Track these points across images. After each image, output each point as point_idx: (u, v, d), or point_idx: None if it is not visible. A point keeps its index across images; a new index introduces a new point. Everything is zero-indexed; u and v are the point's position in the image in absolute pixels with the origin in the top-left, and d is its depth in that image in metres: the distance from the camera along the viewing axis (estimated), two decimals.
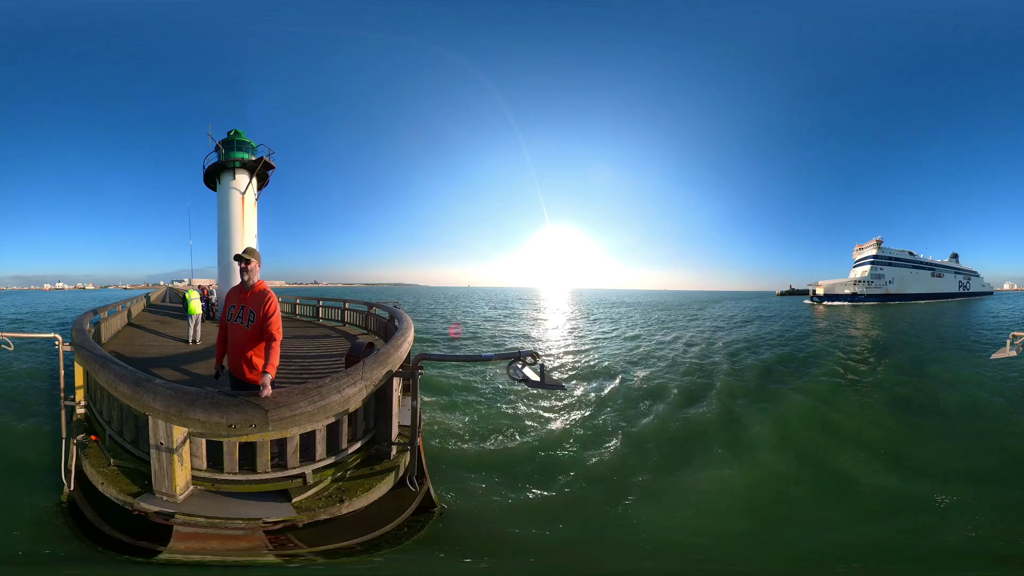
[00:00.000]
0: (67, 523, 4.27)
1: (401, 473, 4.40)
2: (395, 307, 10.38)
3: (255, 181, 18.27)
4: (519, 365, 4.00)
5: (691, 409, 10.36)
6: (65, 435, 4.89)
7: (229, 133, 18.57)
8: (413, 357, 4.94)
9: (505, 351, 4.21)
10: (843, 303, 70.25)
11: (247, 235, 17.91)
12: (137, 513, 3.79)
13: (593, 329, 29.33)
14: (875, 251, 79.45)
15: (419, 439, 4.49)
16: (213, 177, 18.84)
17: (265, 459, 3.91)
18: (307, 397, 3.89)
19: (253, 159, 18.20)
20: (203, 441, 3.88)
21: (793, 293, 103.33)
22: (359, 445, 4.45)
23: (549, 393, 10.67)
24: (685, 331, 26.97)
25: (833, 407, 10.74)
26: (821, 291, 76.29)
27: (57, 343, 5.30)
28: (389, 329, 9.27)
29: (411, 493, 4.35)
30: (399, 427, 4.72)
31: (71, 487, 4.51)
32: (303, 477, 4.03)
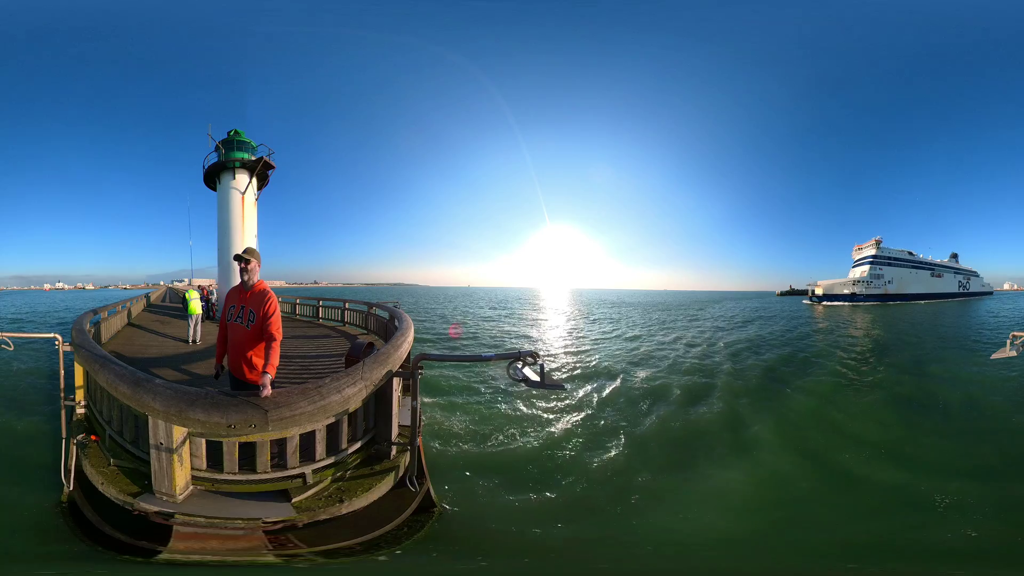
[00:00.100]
0: (67, 523, 4.27)
1: (401, 473, 4.40)
2: (395, 307, 10.38)
3: (255, 181, 18.28)
4: (519, 365, 4.00)
5: (693, 409, 10.35)
6: (65, 435, 4.89)
7: (229, 133, 18.57)
8: (413, 357, 4.94)
9: (505, 351, 4.21)
10: (842, 303, 70.24)
11: (247, 235, 17.91)
12: (137, 513, 3.79)
13: (593, 329, 29.32)
14: (874, 251, 79.45)
15: (419, 439, 4.49)
16: (213, 177, 18.85)
17: (265, 459, 3.91)
18: (307, 397, 3.89)
19: (253, 159, 18.21)
20: (203, 441, 3.88)
21: (793, 293, 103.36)
22: (359, 445, 4.45)
23: (549, 393, 10.67)
24: (686, 331, 26.96)
25: (835, 407, 10.75)
26: (820, 291, 76.26)
27: (57, 343, 5.30)
28: (389, 329, 9.27)
29: (411, 493, 4.34)
30: (399, 427, 4.72)
31: (71, 487, 4.51)
32: (303, 477, 4.03)
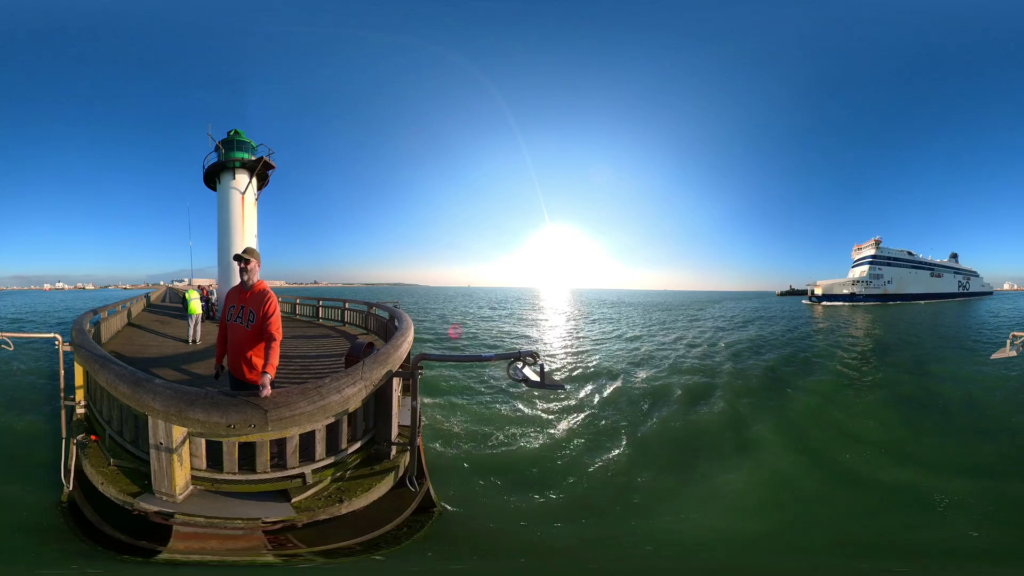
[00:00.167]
0: (67, 523, 4.26)
1: (401, 473, 4.40)
2: (395, 307, 10.38)
3: (255, 181, 18.28)
4: (519, 365, 4.00)
5: (695, 409, 10.34)
6: (65, 435, 4.89)
7: (229, 133, 18.58)
8: (413, 357, 4.94)
9: (505, 351, 4.21)
10: (841, 303, 70.22)
11: (247, 235, 17.92)
12: (137, 513, 3.79)
13: (594, 329, 29.33)
14: (873, 251, 79.42)
15: (419, 439, 4.49)
16: (213, 177, 18.85)
17: (264, 459, 3.91)
18: (307, 397, 3.89)
19: (253, 159, 18.21)
20: (203, 441, 3.88)
21: (793, 293, 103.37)
22: (359, 445, 4.45)
23: (550, 393, 10.67)
24: (686, 332, 26.96)
25: (836, 406, 10.78)
26: (819, 291, 76.23)
27: (57, 343, 5.30)
28: (389, 329, 9.27)
29: (411, 493, 4.34)
30: (399, 427, 4.72)
31: (71, 487, 4.51)
32: (302, 477, 4.03)
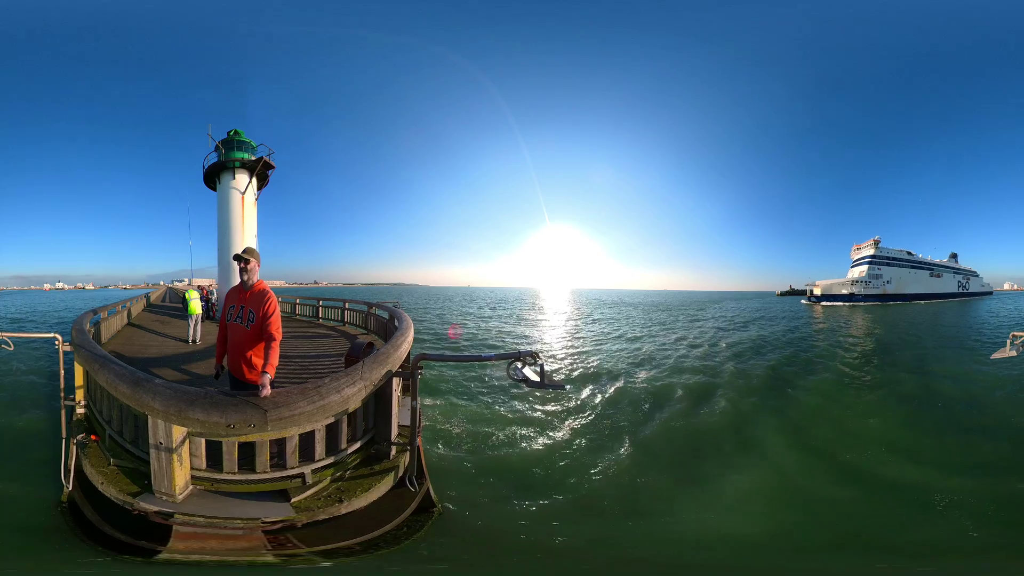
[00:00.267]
0: (67, 523, 4.27)
1: (401, 473, 4.40)
2: (395, 307, 10.38)
3: (255, 181, 18.27)
4: (519, 365, 4.00)
5: (697, 410, 10.32)
6: (65, 435, 4.89)
7: (229, 133, 18.56)
8: (413, 357, 4.95)
9: (505, 351, 4.22)
10: (841, 303, 70.16)
11: (247, 235, 17.91)
12: (137, 513, 3.79)
13: (594, 329, 29.32)
14: (873, 251, 79.26)
15: (419, 439, 4.49)
16: (213, 177, 18.84)
17: (264, 459, 3.91)
18: (306, 397, 3.89)
19: (253, 159, 18.20)
20: (202, 441, 3.88)
21: (793, 293, 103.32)
22: (358, 445, 4.45)
23: (550, 394, 10.66)
24: (687, 332, 26.94)
25: (838, 405, 10.81)
26: (818, 291, 76.15)
27: (57, 343, 5.30)
28: (389, 329, 9.27)
29: (410, 493, 4.35)
30: (399, 427, 4.72)
31: (71, 487, 4.51)
32: (302, 477, 4.03)
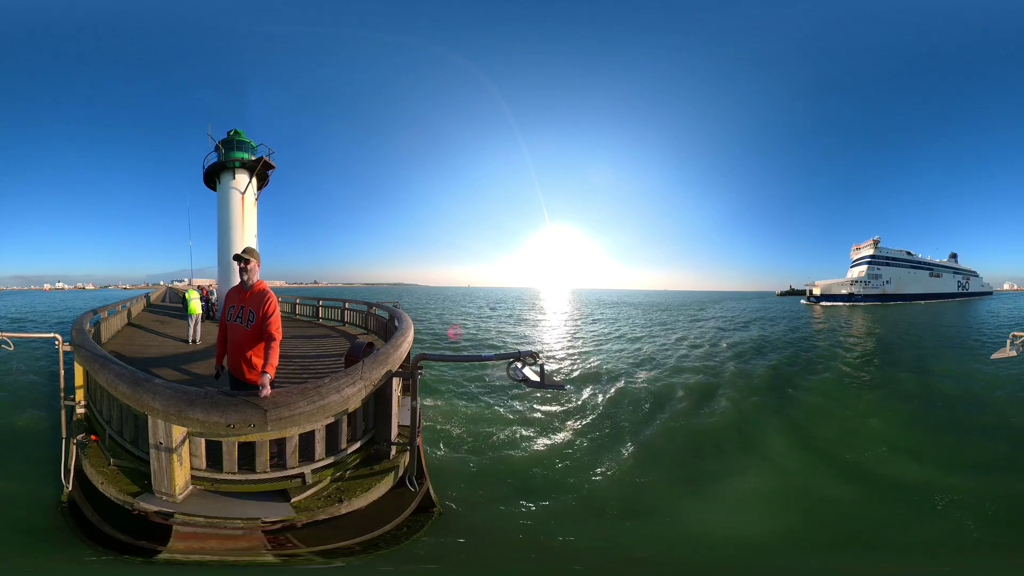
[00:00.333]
0: (67, 523, 4.27)
1: (400, 473, 4.41)
2: (395, 307, 10.38)
3: (255, 181, 18.28)
4: (519, 365, 4.00)
5: (699, 410, 10.29)
6: (65, 435, 4.89)
7: (229, 133, 18.57)
8: (413, 357, 4.95)
9: (505, 351, 4.22)
10: (840, 303, 70.10)
11: (247, 235, 17.92)
12: (137, 513, 3.79)
13: (594, 330, 29.31)
14: (872, 251, 79.11)
15: (419, 439, 4.49)
16: (213, 177, 18.85)
17: (264, 459, 3.91)
18: (306, 397, 3.89)
19: (253, 159, 18.21)
20: (202, 441, 3.88)
21: (793, 293, 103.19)
22: (358, 445, 4.45)
23: (551, 394, 10.66)
24: (688, 332, 26.93)
25: (841, 405, 10.82)
26: (818, 291, 76.05)
27: (57, 343, 5.30)
28: (389, 329, 9.28)
29: (410, 493, 4.35)
30: (398, 427, 4.72)
31: (71, 487, 4.51)
32: (302, 477, 4.04)
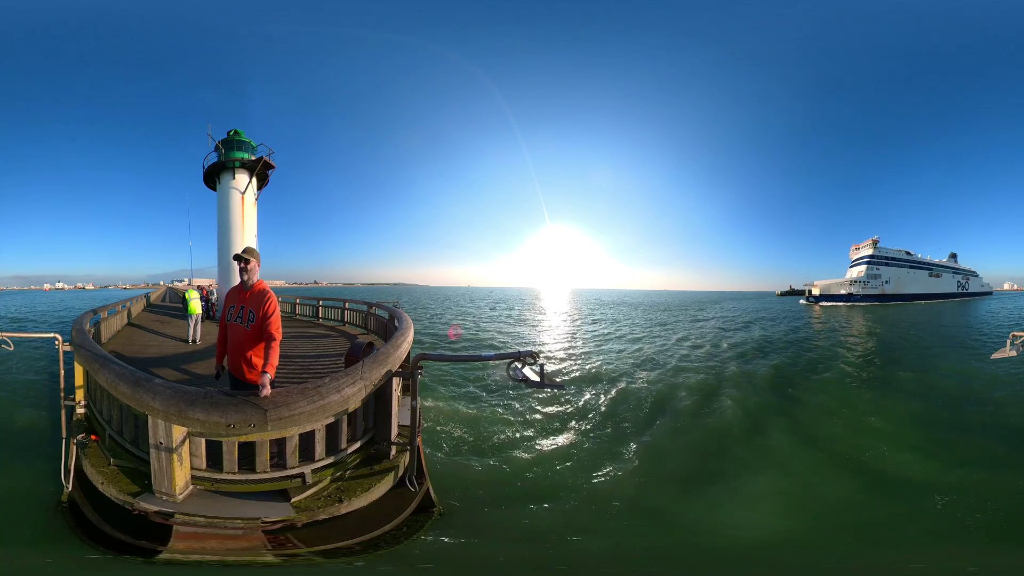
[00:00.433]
0: (67, 523, 4.27)
1: (400, 473, 4.41)
2: (395, 307, 10.38)
3: (255, 181, 18.28)
4: (519, 365, 4.00)
5: (703, 411, 10.27)
6: (65, 435, 4.90)
7: (229, 133, 18.56)
8: (412, 357, 4.95)
9: (505, 351, 4.21)
10: (839, 303, 70.03)
11: (247, 235, 17.92)
12: (137, 513, 3.79)
13: (595, 330, 29.29)
14: (871, 251, 78.91)
15: (419, 439, 4.49)
16: (213, 177, 18.84)
17: (264, 459, 3.91)
18: (306, 397, 3.89)
19: (253, 159, 18.21)
20: (202, 441, 3.88)
21: (793, 293, 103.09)
22: (358, 445, 4.45)
23: (551, 395, 10.65)
24: (689, 332, 26.92)
25: (843, 404, 10.83)
26: (817, 291, 75.95)
27: (57, 343, 5.31)
28: (389, 329, 9.28)
29: (410, 493, 4.35)
30: (398, 427, 4.73)
31: (71, 487, 4.51)
32: (302, 477, 4.04)
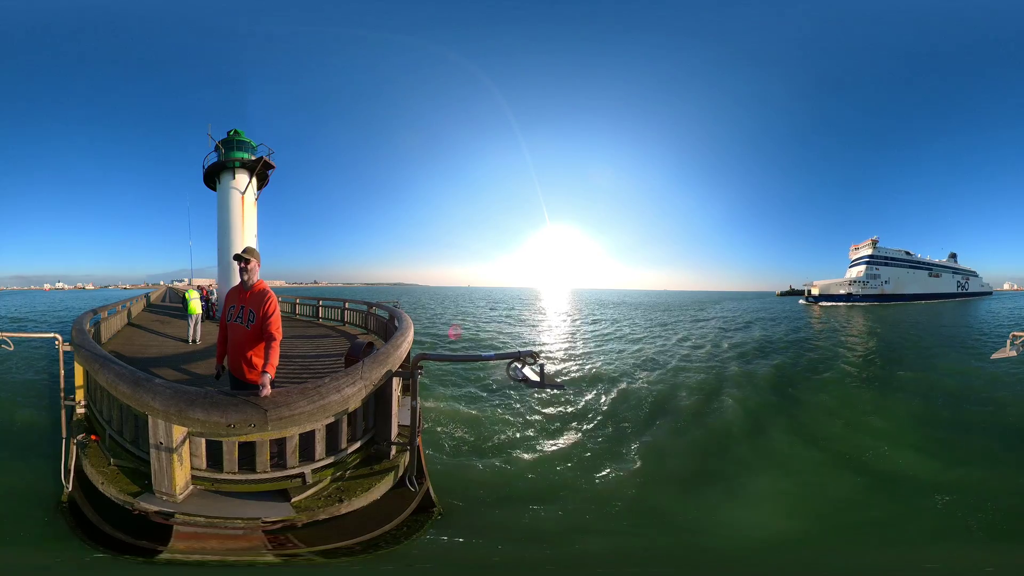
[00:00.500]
0: (67, 523, 4.27)
1: (401, 473, 4.41)
2: (395, 307, 10.38)
3: (255, 181, 18.28)
4: (519, 365, 4.00)
5: (705, 412, 10.25)
6: (65, 435, 4.90)
7: (229, 133, 18.56)
8: (412, 357, 4.95)
9: (505, 351, 4.21)
10: (838, 303, 69.97)
11: (247, 235, 17.92)
12: (137, 513, 3.80)
13: (595, 330, 29.28)
14: (870, 251, 78.66)
15: (419, 439, 4.50)
16: (213, 177, 18.84)
17: (264, 459, 3.91)
18: (306, 397, 3.89)
19: (253, 159, 18.21)
20: (203, 441, 3.88)
21: (793, 293, 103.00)
22: (358, 445, 4.46)
23: (551, 395, 10.64)
24: (689, 333, 26.92)
25: (844, 404, 10.85)
26: (816, 291, 75.82)
27: (57, 343, 5.31)
28: (389, 329, 9.28)
29: (411, 493, 4.35)
30: (398, 427, 4.73)
31: (71, 487, 4.51)
32: (302, 477, 4.04)
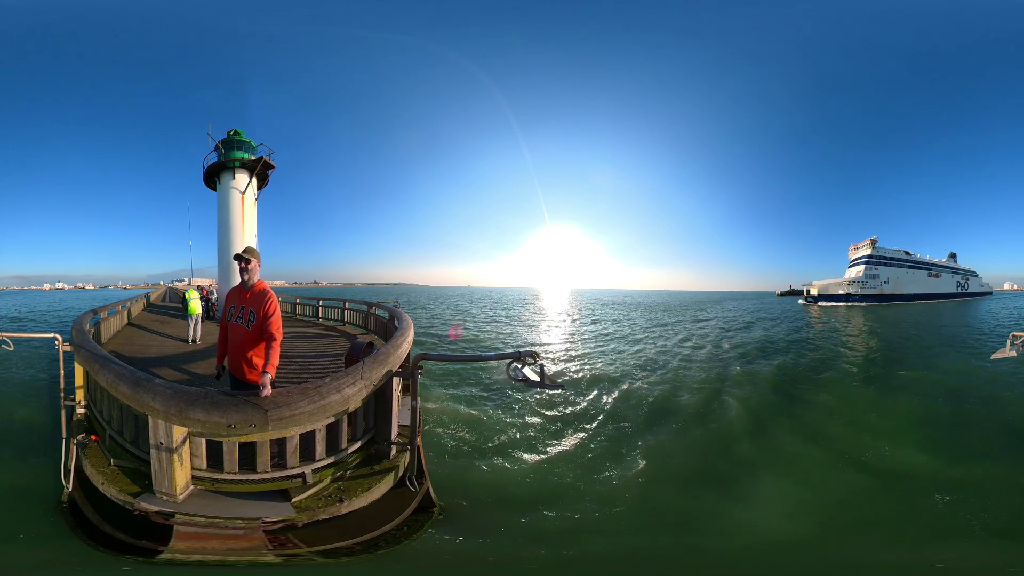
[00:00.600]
0: (67, 523, 4.27)
1: (401, 473, 4.41)
2: (395, 307, 10.38)
3: (255, 181, 18.27)
4: (519, 365, 4.00)
5: (706, 412, 10.24)
6: (65, 435, 4.90)
7: (229, 133, 18.55)
8: (413, 357, 4.95)
9: (505, 352, 4.22)
10: (837, 304, 69.93)
11: (247, 235, 17.91)
12: (137, 513, 3.80)
13: (595, 330, 29.27)
14: (870, 251, 78.46)
15: (419, 439, 4.50)
16: (213, 177, 18.83)
17: (265, 459, 3.92)
18: (307, 397, 3.89)
19: (253, 159, 18.20)
20: (203, 441, 3.88)
21: (793, 293, 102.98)
22: (359, 445, 4.46)
23: (552, 396, 10.64)
24: (690, 333, 26.93)
25: (846, 404, 10.88)
26: (815, 291, 75.73)
27: (57, 343, 5.31)
28: (389, 329, 9.28)
29: (411, 493, 4.35)
30: (399, 427, 4.73)
31: (71, 487, 4.51)
32: (303, 477, 4.04)
